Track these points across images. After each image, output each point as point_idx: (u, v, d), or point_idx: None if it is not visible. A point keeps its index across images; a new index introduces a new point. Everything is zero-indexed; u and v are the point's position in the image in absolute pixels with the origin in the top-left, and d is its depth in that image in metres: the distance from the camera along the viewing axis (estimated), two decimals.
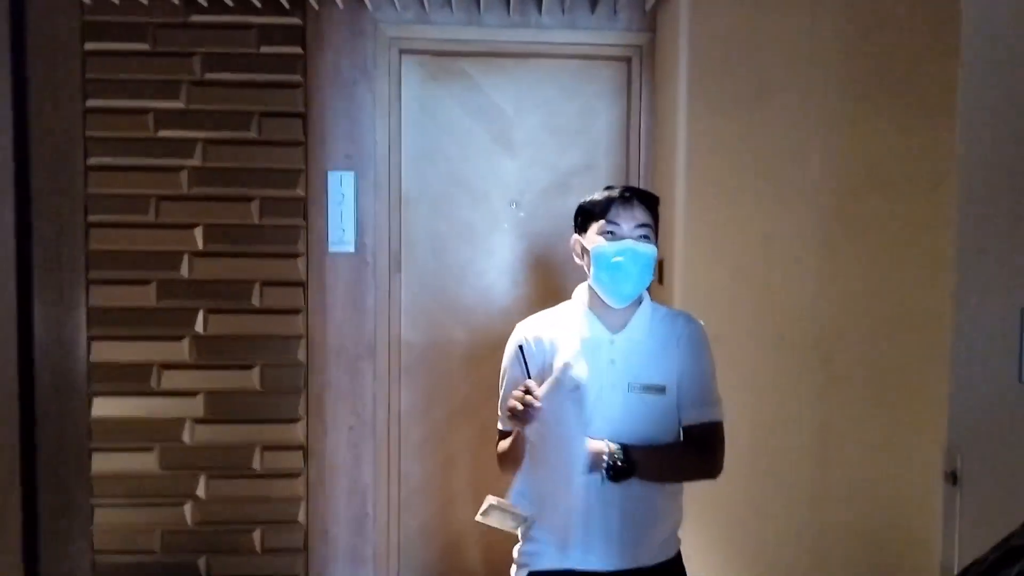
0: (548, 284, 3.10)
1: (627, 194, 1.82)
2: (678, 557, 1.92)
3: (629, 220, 1.79)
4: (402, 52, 3.03)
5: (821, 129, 2.67)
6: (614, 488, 1.77)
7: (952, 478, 1.59)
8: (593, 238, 1.81)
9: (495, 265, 3.12)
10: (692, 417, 1.84)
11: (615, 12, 3.00)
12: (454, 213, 3.10)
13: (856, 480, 2.72)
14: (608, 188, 1.86)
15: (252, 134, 2.95)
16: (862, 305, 2.70)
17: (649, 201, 1.84)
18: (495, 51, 3.04)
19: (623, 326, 1.84)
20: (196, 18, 2.92)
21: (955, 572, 1.62)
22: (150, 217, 2.95)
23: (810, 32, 2.67)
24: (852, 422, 2.73)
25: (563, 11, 2.99)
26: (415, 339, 3.09)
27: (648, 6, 2.97)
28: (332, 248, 2.98)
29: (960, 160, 1.59)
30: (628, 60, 3.06)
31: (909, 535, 2.74)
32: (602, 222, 1.80)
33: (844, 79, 2.67)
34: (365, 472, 3.04)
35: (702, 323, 1.90)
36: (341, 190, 2.97)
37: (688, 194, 2.68)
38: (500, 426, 1.91)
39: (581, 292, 1.90)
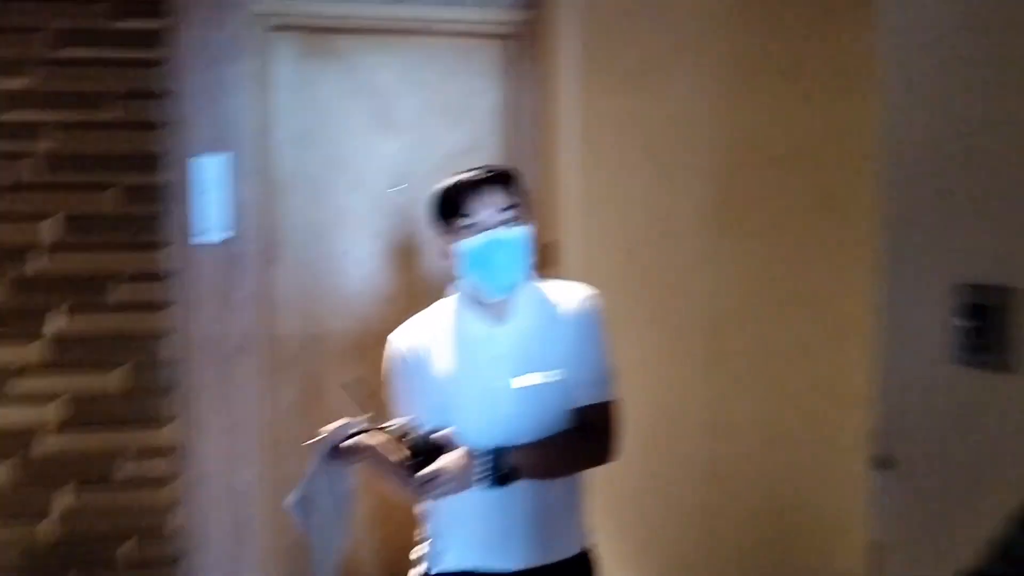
0: (433, 270, 2.98)
1: (478, 179, 1.65)
2: (589, 552, 1.82)
3: (487, 207, 1.62)
4: (273, 28, 2.86)
5: (713, 105, 2.62)
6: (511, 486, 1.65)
7: (880, 461, 1.53)
8: (454, 236, 1.65)
9: (377, 252, 2.97)
10: (582, 398, 1.70)
11: None
12: (332, 198, 2.94)
13: (747, 456, 2.70)
14: (457, 174, 1.68)
15: (108, 116, 2.73)
16: (754, 284, 2.67)
17: (505, 179, 1.67)
18: (372, 28, 2.90)
19: (505, 317, 1.70)
20: None
21: (879, 550, 1.57)
22: None
23: (701, 7, 2.62)
24: (743, 400, 2.71)
25: None
26: (293, 332, 2.93)
27: None
28: (199, 238, 2.79)
29: (883, 133, 1.52)
30: (512, 37, 2.96)
31: (801, 510, 2.73)
32: (460, 217, 1.64)
33: (736, 55, 2.64)
34: (244, 475, 2.85)
35: (594, 294, 1.78)
36: (208, 176, 2.78)
37: (580, 174, 2.60)
38: None
39: (453, 291, 1.76)
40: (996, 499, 1.19)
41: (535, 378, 1.67)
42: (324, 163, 2.93)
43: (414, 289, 2.95)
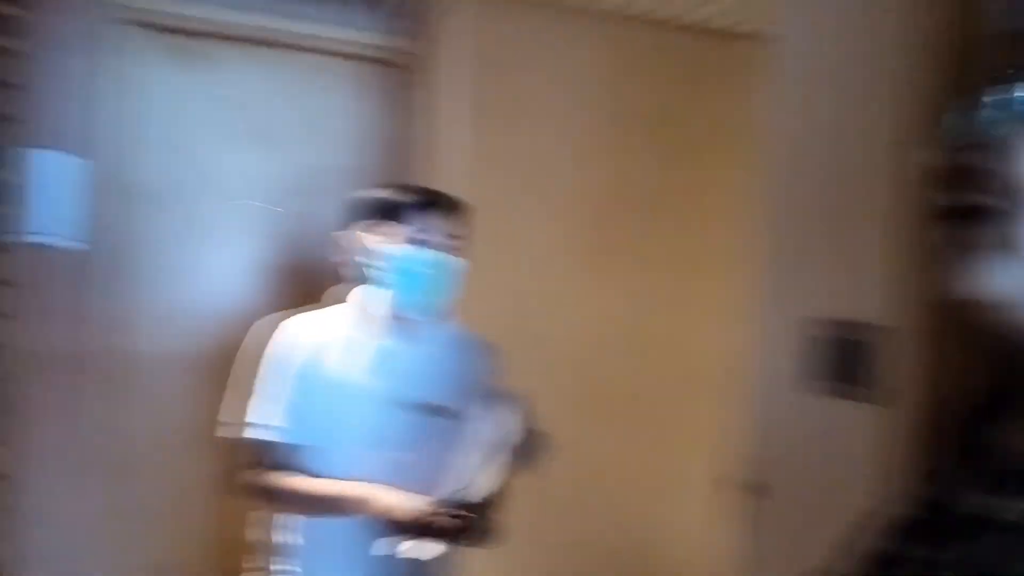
0: (297, 288, 2.90)
1: (439, 201, 1.73)
2: None
3: (438, 229, 1.70)
4: (137, 26, 2.68)
5: (589, 149, 2.80)
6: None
7: (750, 487, 1.73)
8: (392, 241, 1.70)
9: (238, 267, 2.87)
10: None
11: (387, 13, 2.89)
12: (191, 210, 2.80)
13: (613, 493, 2.88)
14: (417, 190, 1.76)
15: None
16: (622, 324, 2.87)
17: (461, 211, 1.76)
18: (247, 36, 2.79)
19: (412, 338, 1.75)
20: None
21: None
22: None
23: (576, 62, 2.80)
24: (609, 437, 2.89)
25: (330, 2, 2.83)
26: (145, 349, 2.75)
27: (422, 12, 2.90)
28: (45, 242, 2.56)
29: (762, 189, 1.74)
30: (395, 65, 2.97)
31: (660, 543, 2.94)
32: (409, 227, 1.69)
33: (607, 109, 2.84)
34: (87, 503, 2.64)
35: (499, 348, 1.90)
36: (59, 176, 2.56)
37: None
38: (264, 435, 1.71)
39: (359, 297, 1.77)
40: (849, 518, 1.41)
41: (423, 407, 1.72)
42: (184, 172, 2.78)
43: (278, 307, 2.86)
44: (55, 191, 2.55)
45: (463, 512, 1.58)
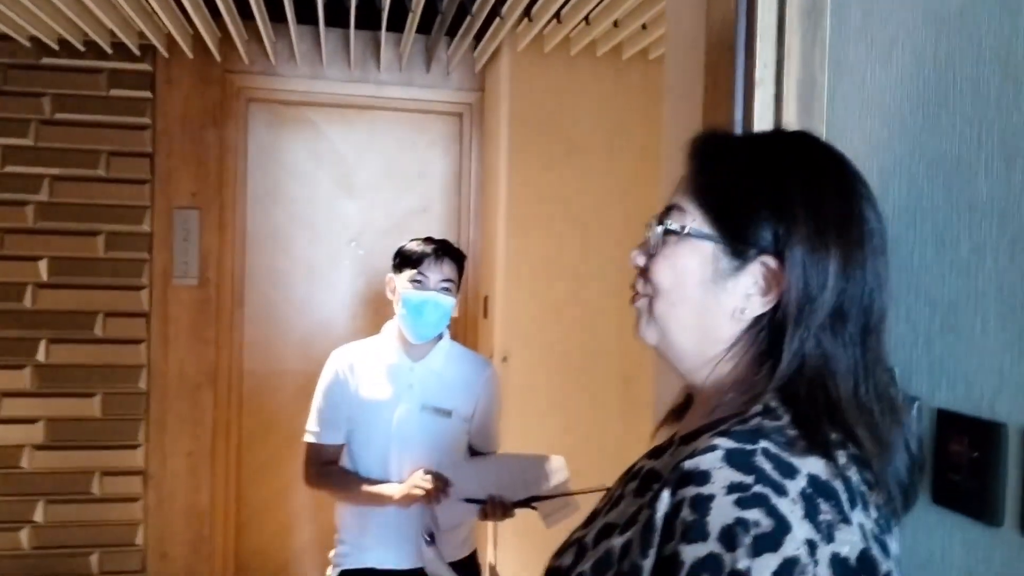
0: (384, 317, 3.33)
1: (439, 251, 2.09)
2: (474, 555, 2.19)
3: (436, 273, 2.06)
4: (249, 100, 3.25)
5: (623, 185, 3.04)
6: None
7: None
8: (404, 283, 2.08)
9: (334, 299, 3.34)
10: (480, 446, 2.18)
11: (448, 72, 3.31)
12: (296, 250, 3.32)
13: None
14: (426, 240, 2.12)
15: (100, 172, 3.10)
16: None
17: (457, 258, 2.12)
18: (337, 103, 3.30)
19: (422, 357, 2.11)
20: (47, 60, 3.06)
21: None
22: None
23: (613, 101, 3.05)
24: (647, 439, 3.06)
25: (400, 69, 3.28)
26: (256, 368, 3.28)
27: (477, 68, 3.29)
28: (176, 281, 3.15)
29: None
30: (460, 115, 3.37)
31: None
32: (414, 271, 2.07)
33: (643, 143, 3.06)
34: (203, 496, 3.19)
35: (494, 366, 2.21)
36: (186, 226, 3.15)
37: (508, 238, 2.99)
38: (313, 439, 2.12)
39: (391, 326, 2.17)
40: None
41: (434, 410, 2.07)
42: (289, 219, 3.31)
43: (368, 334, 3.30)
44: (182, 239, 3.14)
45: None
